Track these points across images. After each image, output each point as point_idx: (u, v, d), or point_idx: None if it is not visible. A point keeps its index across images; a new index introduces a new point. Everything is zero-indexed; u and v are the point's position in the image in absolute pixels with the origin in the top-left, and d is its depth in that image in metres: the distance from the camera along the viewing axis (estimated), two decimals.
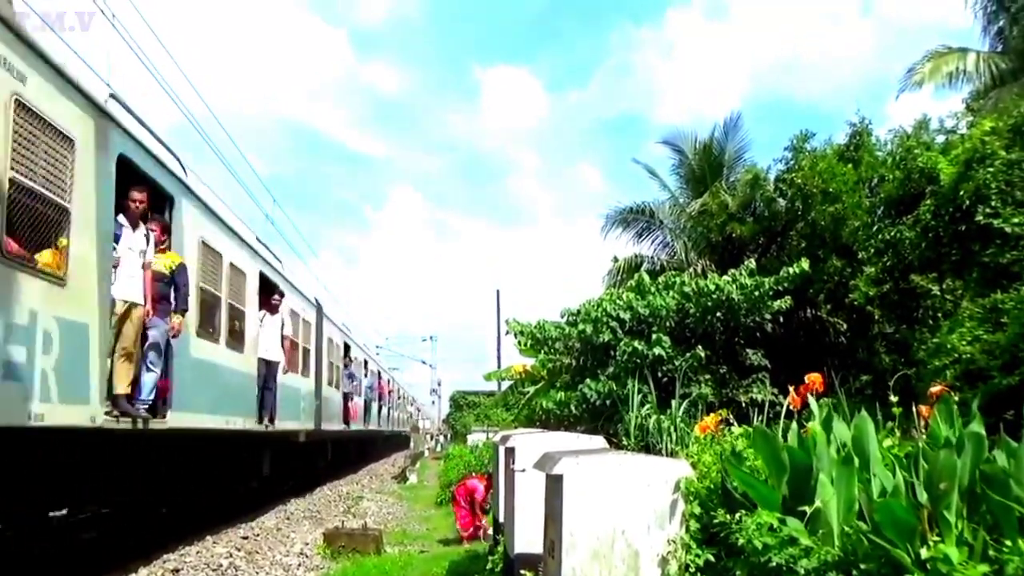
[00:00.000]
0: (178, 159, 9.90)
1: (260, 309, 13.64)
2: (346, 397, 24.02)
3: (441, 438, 56.37)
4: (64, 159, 6.78)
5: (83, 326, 7.04)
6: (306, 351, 17.73)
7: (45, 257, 6.48)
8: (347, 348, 25.05)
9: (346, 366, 24.36)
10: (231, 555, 10.11)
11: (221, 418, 11.25)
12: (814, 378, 5.17)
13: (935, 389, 4.48)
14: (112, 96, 7.82)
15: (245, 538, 11.54)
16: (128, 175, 8.13)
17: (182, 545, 10.43)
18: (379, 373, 34.57)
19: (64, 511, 9.06)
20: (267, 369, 13.76)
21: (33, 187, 6.29)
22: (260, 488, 15.53)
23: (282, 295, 14.71)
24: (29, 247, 6.30)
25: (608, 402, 11.12)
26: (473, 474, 12.82)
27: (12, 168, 5.96)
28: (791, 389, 5.18)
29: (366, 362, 29.81)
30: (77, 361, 6.90)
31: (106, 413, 7.46)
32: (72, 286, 6.83)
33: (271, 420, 13.87)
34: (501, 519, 8.23)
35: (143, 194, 8.24)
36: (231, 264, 11.98)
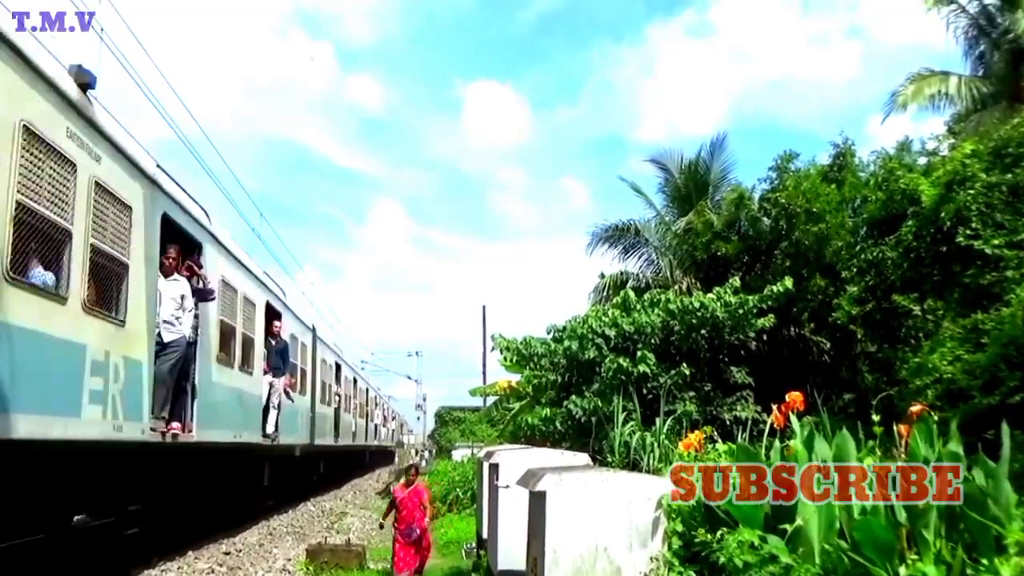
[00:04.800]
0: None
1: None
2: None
3: (426, 453, 56.11)
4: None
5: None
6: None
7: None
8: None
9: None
10: (213, 571, 10.01)
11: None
12: (795, 396, 5.22)
13: (915, 408, 4.53)
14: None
15: (227, 554, 11.42)
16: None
17: (163, 560, 10.31)
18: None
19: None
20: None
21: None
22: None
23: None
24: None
25: (593, 419, 11.13)
26: (398, 483, 10.17)
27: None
28: (774, 407, 5.22)
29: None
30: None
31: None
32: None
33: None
34: (484, 535, 8.22)
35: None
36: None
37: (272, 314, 15.61)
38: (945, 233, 10.52)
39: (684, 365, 11.72)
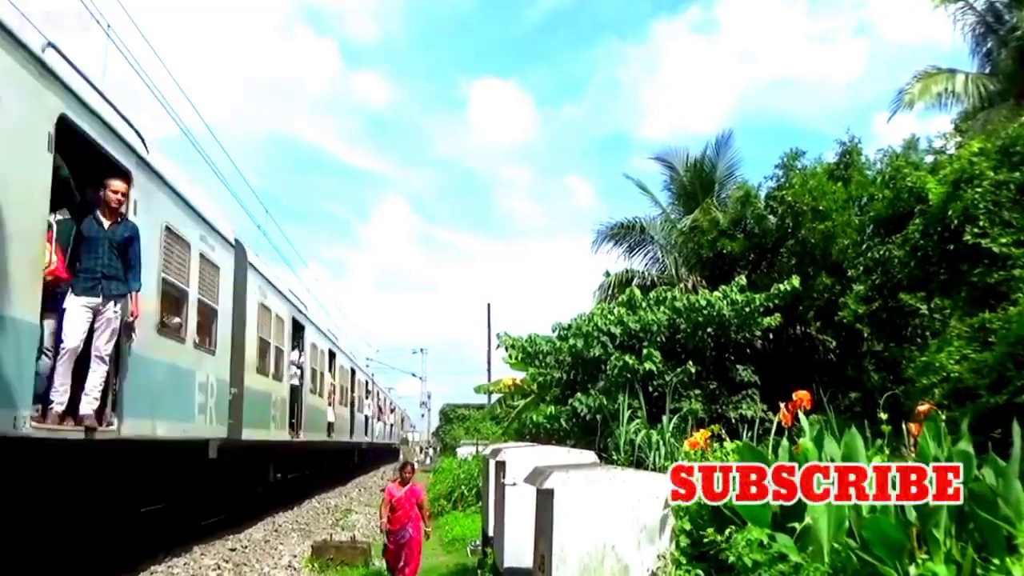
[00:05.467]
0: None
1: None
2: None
3: (431, 451, 56.14)
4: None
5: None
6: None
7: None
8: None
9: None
10: (219, 567, 10.03)
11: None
12: (802, 395, 5.21)
13: (923, 407, 4.52)
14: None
15: (233, 550, 11.46)
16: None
17: (169, 556, 10.34)
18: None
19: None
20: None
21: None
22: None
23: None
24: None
25: (598, 417, 11.13)
26: (394, 480, 9.28)
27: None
28: (782, 406, 5.20)
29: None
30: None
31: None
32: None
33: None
34: (490, 532, 8.21)
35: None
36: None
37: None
38: (952, 231, 10.48)
39: (690, 363, 11.70)
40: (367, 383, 33.71)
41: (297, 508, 18.29)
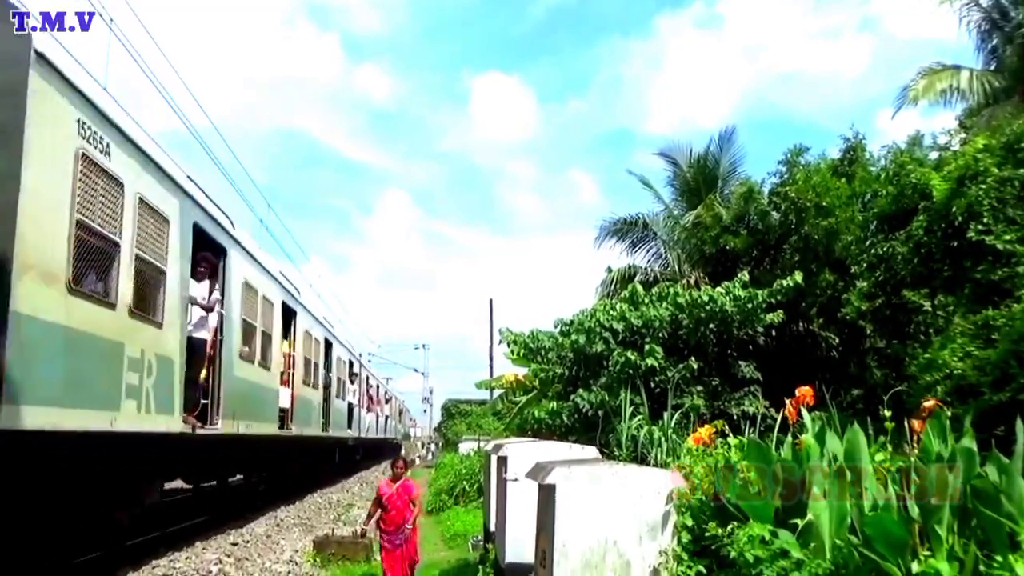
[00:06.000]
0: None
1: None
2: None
3: (432, 446, 56.20)
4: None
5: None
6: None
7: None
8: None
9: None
10: (220, 561, 10.05)
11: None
12: (804, 391, 5.20)
13: (927, 404, 4.50)
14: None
15: (235, 544, 11.48)
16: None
17: (171, 551, 10.36)
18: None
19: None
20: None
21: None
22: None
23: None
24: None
25: (600, 412, 11.12)
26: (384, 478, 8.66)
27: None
28: (786, 402, 5.19)
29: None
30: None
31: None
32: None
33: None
34: (492, 528, 8.22)
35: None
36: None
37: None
38: (956, 228, 10.44)
39: (692, 359, 11.69)
40: (351, 363, 26.81)
41: (299, 503, 18.32)
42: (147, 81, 11.91)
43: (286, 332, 16.41)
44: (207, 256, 11.09)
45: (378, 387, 38.97)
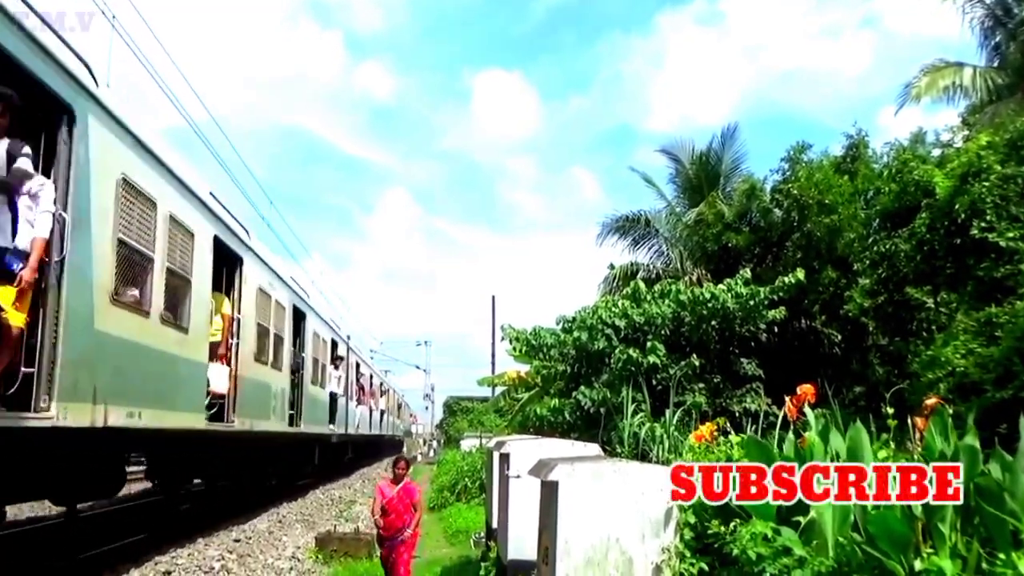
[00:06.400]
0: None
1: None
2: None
3: (434, 443, 56.25)
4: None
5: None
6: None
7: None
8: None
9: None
10: (223, 558, 10.06)
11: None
12: (806, 388, 5.19)
13: (930, 401, 4.50)
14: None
15: (237, 541, 11.49)
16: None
17: (173, 547, 10.38)
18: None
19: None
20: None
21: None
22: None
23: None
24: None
25: (602, 410, 11.12)
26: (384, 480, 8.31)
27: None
28: (787, 399, 5.19)
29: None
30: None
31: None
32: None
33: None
34: (494, 525, 8.23)
35: None
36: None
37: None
38: (959, 225, 10.43)
39: (694, 356, 11.68)
40: (334, 344, 22.19)
41: (301, 499, 18.35)
42: (149, 77, 11.87)
43: (227, 284, 12.19)
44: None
45: (372, 377, 33.32)
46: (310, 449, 20.47)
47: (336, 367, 22.28)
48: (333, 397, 21.58)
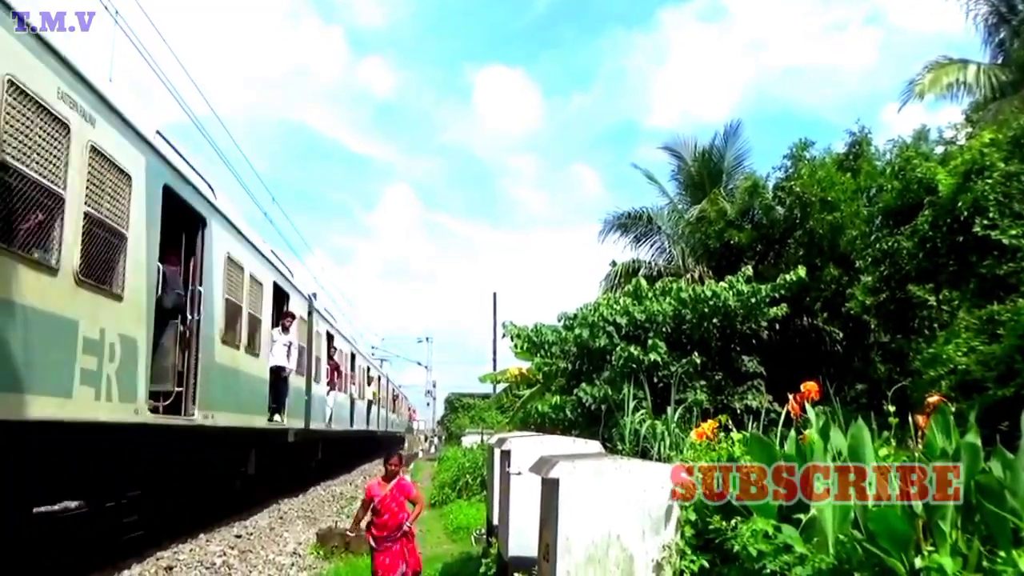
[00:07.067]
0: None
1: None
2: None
3: (436, 440, 56.28)
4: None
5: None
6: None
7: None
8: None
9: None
10: (224, 553, 10.09)
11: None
12: (809, 386, 5.18)
13: (932, 399, 4.49)
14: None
15: (239, 536, 11.52)
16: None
17: (175, 543, 10.40)
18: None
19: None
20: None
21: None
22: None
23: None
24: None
25: (604, 407, 11.11)
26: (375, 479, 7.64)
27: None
28: (789, 397, 5.18)
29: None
30: None
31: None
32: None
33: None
34: (495, 522, 8.23)
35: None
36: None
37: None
38: (962, 223, 10.42)
39: (695, 354, 11.66)
40: (279, 291, 15.85)
41: (302, 495, 18.38)
42: (152, 73, 11.88)
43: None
44: None
45: (353, 357, 26.51)
46: (235, 453, 13.55)
47: (285, 330, 15.67)
48: (280, 375, 15.47)
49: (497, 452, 8.20)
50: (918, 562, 3.29)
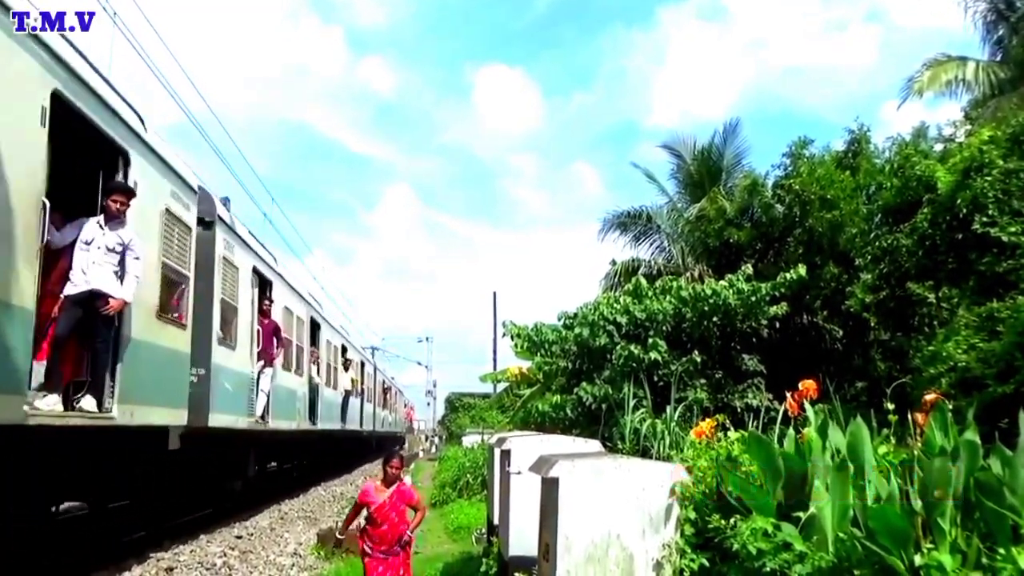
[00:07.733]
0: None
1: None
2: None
3: (436, 440, 56.26)
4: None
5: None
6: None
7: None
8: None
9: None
10: (225, 554, 10.09)
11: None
12: (808, 384, 5.18)
13: (930, 397, 4.49)
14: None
15: (239, 537, 11.52)
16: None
17: (176, 544, 10.40)
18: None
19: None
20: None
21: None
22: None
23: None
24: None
25: (604, 406, 11.11)
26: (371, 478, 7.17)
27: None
28: (788, 395, 5.18)
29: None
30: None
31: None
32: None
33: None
34: (495, 521, 8.23)
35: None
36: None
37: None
38: (961, 220, 10.42)
39: (695, 352, 11.66)
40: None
41: (303, 496, 18.38)
42: (151, 73, 11.88)
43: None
44: None
45: (316, 327, 20.15)
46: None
47: (112, 217, 7.81)
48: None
49: (497, 452, 8.20)
50: (917, 560, 3.29)
